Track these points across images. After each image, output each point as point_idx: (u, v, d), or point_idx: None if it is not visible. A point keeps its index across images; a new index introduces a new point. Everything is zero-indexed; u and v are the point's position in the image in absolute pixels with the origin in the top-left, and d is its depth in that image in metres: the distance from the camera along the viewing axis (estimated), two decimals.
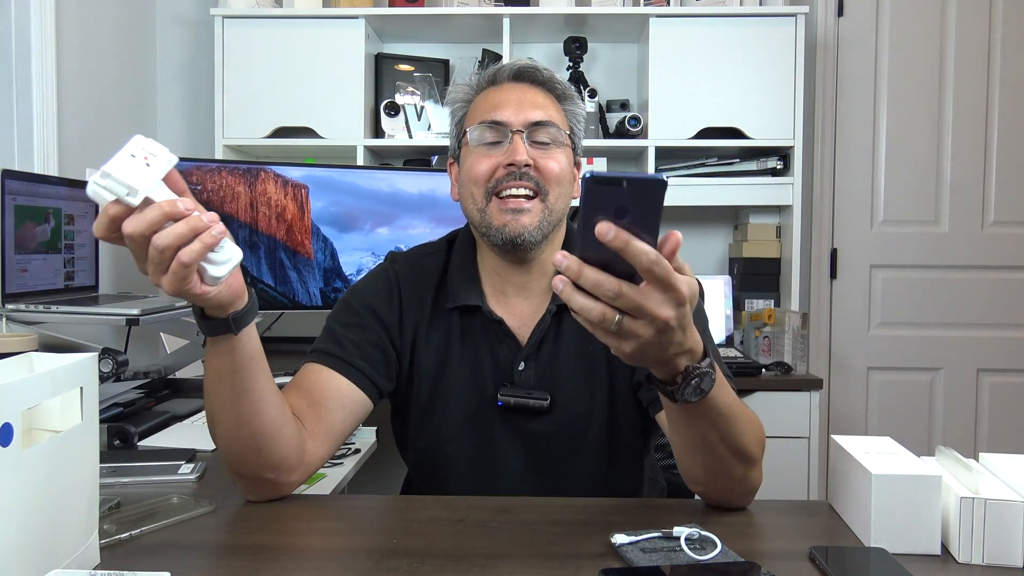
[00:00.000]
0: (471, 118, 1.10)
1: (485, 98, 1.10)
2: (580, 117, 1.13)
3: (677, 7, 2.55)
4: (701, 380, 0.77)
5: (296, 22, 2.48)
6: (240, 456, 0.92)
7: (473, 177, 1.06)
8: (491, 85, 1.11)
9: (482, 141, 1.07)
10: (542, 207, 1.05)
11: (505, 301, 1.12)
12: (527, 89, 1.09)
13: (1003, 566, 0.78)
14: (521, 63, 1.10)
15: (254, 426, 0.90)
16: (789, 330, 2.33)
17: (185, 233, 0.73)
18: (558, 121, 1.08)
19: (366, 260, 2.34)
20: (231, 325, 0.84)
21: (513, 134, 1.05)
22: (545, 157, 1.06)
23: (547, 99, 1.09)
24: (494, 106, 1.07)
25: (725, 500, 0.95)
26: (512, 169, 1.04)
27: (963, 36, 2.71)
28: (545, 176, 1.05)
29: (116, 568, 0.73)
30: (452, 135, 1.15)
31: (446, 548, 0.82)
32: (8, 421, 0.60)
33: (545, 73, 1.10)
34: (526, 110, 1.06)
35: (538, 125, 1.06)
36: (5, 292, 1.59)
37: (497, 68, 1.11)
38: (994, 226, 2.74)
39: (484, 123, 1.07)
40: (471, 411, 1.10)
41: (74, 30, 2.16)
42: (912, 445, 0.94)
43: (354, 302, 1.12)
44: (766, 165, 2.54)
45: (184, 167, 2.13)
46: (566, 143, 1.09)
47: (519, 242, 1.05)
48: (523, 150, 1.04)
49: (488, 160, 1.06)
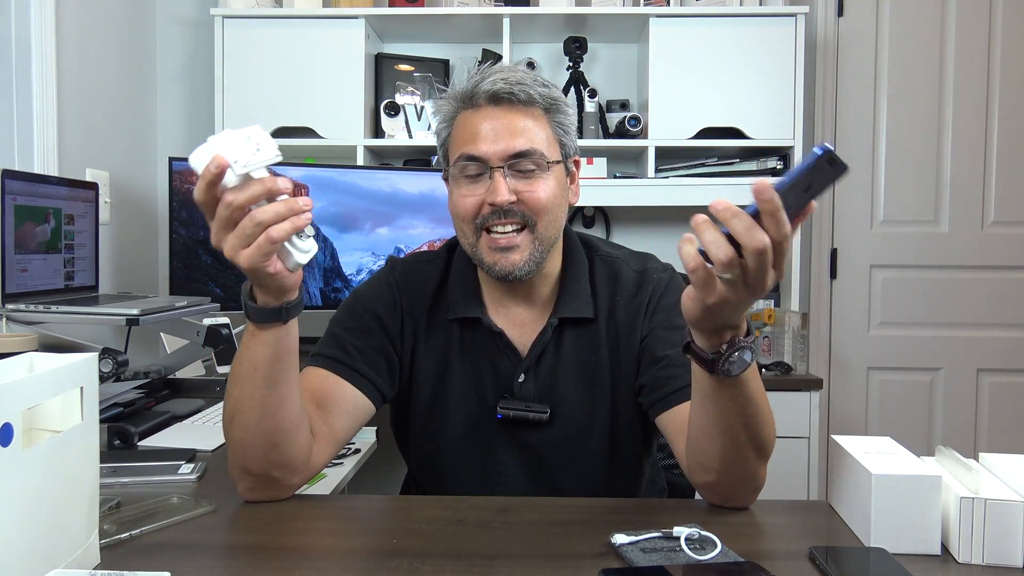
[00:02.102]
0: (454, 142, 1.06)
1: (465, 121, 1.05)
2: (570, 122, 1.08)
3: (677, 7, 2.55)
4: (744, 352, 0.80)
5: (296, 22, 2.48)
6: (255, 449, 0.92)
7: (460, 214, 1.05)
8: (469, 107, 1.05)
9: (464, 173, 1.04)
10: (531, 238, 1.04)
11: (505, 311, 1.12)
12: (505, 114, 1.03)
13: (1003, 566, 0.78)
14: (498, 84, 1.02)
15: (277, 419, 0.91)
16: (789, 330, 2.33)
17: (282, 212, 0.78)
18: (541, 143, 1.03)
19: (366, 260, 2.34)
20: (282, 314, 0.86)
21: (493, 170, 1.01)
22: (530, 188, 1.02)
23: (528, 119, 1.03)
24: (472, 136, 1.03)
25: (731, 495, 0.94)
26: (496, 207, 1.02)
27: (963, 36, 2.71)
28: (532, 208, 1.03)
29: (116, 568, 0.73)
30: (439, 152, 1.11)
31: (446, 548, 0.82)
32: (8, 421, 0.60)
33: (522, 93, 1.02)
34: (504, 139, 1.01)
35: (519, 156, 1.02)
36: (5, 292, 1.59)
37: (474, 85, 1.04)
38: (994, 226, 2.74)
39: (463, 157, 1.03)
40: (471, 422, 1.10)
41: (74, 30, 2.16)
42: (912, 445, 0.94)
43: (358, 307, 1.12)
44: (766, 165, 2.54)
45: (184, 167, 2.13)
46: (554, 161, 1.05)
47: (511, 279, 1.05)
48: (503, 190, 1.01)
49: (471, 198, 1.03)
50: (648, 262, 1.15)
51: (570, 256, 1.14)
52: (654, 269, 1.13)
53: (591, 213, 2.76)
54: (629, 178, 2.59)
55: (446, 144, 1.09)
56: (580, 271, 1.13)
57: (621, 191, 2.51)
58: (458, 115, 1.07)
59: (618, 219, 2.80)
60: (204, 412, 1.56)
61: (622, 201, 2.53)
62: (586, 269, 1.13)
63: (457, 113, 1.07)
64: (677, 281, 1.13)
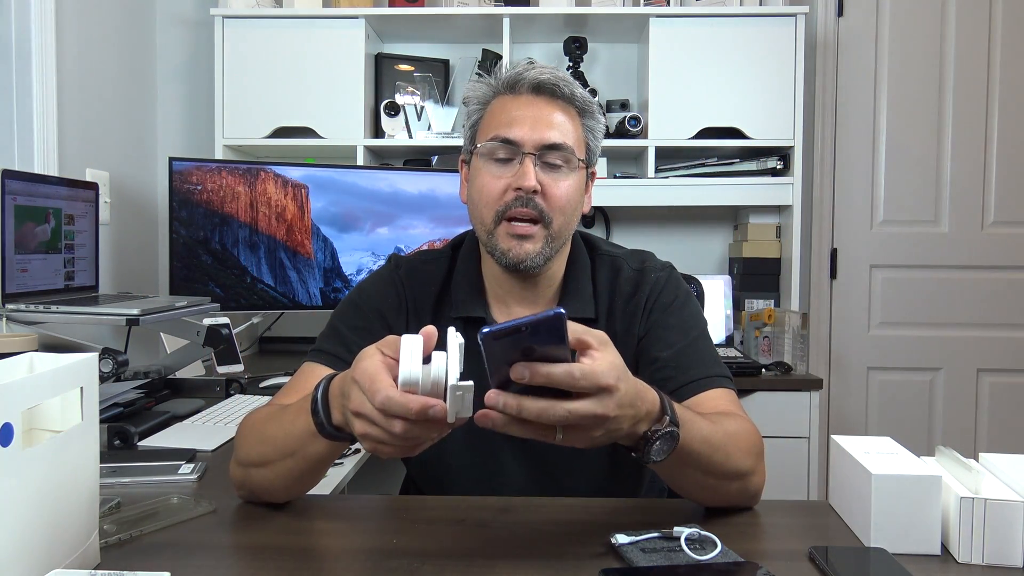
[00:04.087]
0: (486, 125, 1.07)
1: (502, 106, 1.06)
2: (599, 130, 1.10)
3: (677, 7, 2.55)
4: (664, 441, 0.79)
5: (296, 22, 2.48)
6: (271, 495, 0.94)
7: (483, 197, 1.05)
8: (509, 92, 1.07)
9: (493, 156, 1.05)
10: (545, 234, 1.04)
11: (508, 311, 1.12)
12: (545, 105, 1.05)
13: (1003, 566, 0.78)
14: (544, 75, 1.05)
15: (306, 485, 0.94)
16: (789, 330, 2.33)
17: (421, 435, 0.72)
18: (573, 141, 1.05)
19: (366, 260, 2.34)
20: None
21: (524, 156, 1.02)
22: (554, 183, 1.04)
23: (565, 115, 1.06)
24: (509, 120, 1.04)
25: (728, 507, 0.95)
26: (520, 193, 1.02)
27: (963, 36, 2.71)
28: (551, 203, 1.04)
29: (116, 568, 0.73)
30: (466, 134, 1.12)
31: (446, 548, 0.82)
32: (8, 421, 0.60)
33: (566, 88, 1.05)
34: (541, 129, 1.03)
35: (551, 148, 1.03)
36: (5, 292, 1.59)
37: (518, 74, 1.06)
38: (994, 226, 2.74)
39: (497, 139, 1.04)
40: (473, 425, 1.09)
41: (74, 30, 2.16)
42: (912, 445, 0.94)
43: (362, 305, 1.12)
44: (766, 165, 2.54)
45: (184, 167, 2.13)
46: (579, 165, 1.06)
47: (522, 267, 1.05)
48: (532, 175, 1.02)
49: (498, 181, 1.04)
50: (647, 260, 1.15)
51: (574, 257, 1.14)
52: (652, 268, 1.13)
53: (591, 213, 2.76)
54: (629, 178, 2.59)
55: (476, 126, 1.09)
56: (583, 271, 1.13)
57: (621, 191, 2.51)
58: (494, 99, 1.08)
59: (618, 219, 2.80)
60: (204, 412, 1.56)
61: (622, 201, 2.53)
62: (588, 269, 1.14)
63: (493, 97, 1.08)
64: (675, 278, 1.13)
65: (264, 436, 0.92)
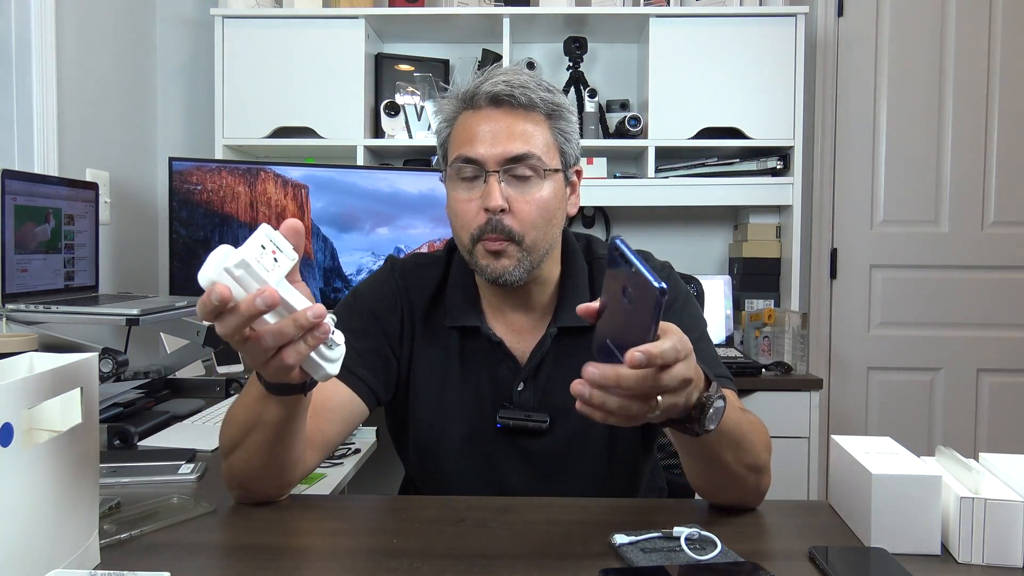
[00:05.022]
0: (452, 143, 1.05)
1: (464, 123, 1.04)
2: (572, 131, 1.06)
3: (677, 7, 2.55)
4: (716, 410, 0.79)
5: (296, 22, 2.48)
6: (255, 481, 0.94)
7: (458, 220, 1.05)
8: (470, 107, 1.04)
9: (460, 176, 1.03)
10: (518, 251, 1.02)
11: (503, 317, 1.12)
12: (504, 117, 1.01)
13: (1003, 566, 0.78)
14: (499, 86, 1.01)
15: (282, 461, 0.92)
16: (789, 330, 2.33)
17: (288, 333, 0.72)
18: (540, 148, 1.01)
19: (366, 260, 2.34)
20: (306, 388, 0.84)
21: (489, 174, 1.00)
22: (522, 198, 1.01)
23: (528, 123, 1.02)
24: (470, 137, 1.02)
25: (736, 506, 0.95)
26: (489, 215, 1.01)
27: (963, 36, 2.71)
28: (520, 219, 1.01)
29: (116, 568, 0.73)
30: (439, 151, 1.10)
31: (446, 548, 0.82)
32: (8, 421, 0.60)
33: (523, 97, 1.01)
34: (502, 143, 1.00)
35: (516, 160, 1.00)
36: (5, 292, 1.59)
37: (475, 87, 1.03)
38: (994, 226, 2.74)
39: (460, 158, 1.02)
40: (470, 431, 1.09)
41: (74, 30, 2.16)
42: (912, 445, 0.94)
43: (359, 307, 1.11)
44: (766, 165, 2.54)
45: (184, 167, 2.13)
46: (551, 168, 1.03)
47: (501, 282, 1.04)
48: (496, 194, 0.99)
49: (469, 204, 1.03)
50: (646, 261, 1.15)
51: (569, 261, 1.13)
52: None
53: (591, 213, 2.76)
54: (629, 178, 2.59)
55: (446, 144, 1.08)
56: (579, 277, 1.12)
57: (621, 191, 2.51)
58: (459, 115, 1.06)
59: (618, 219, 2.80)
60: (204, 412, 1.56)
61: (622, 201, 2.53)
62: (586, 274, 1.13)
63: (459, 113, 1.06)
64: (674, 279, 1.13)
65: (230, 420, 0.92)
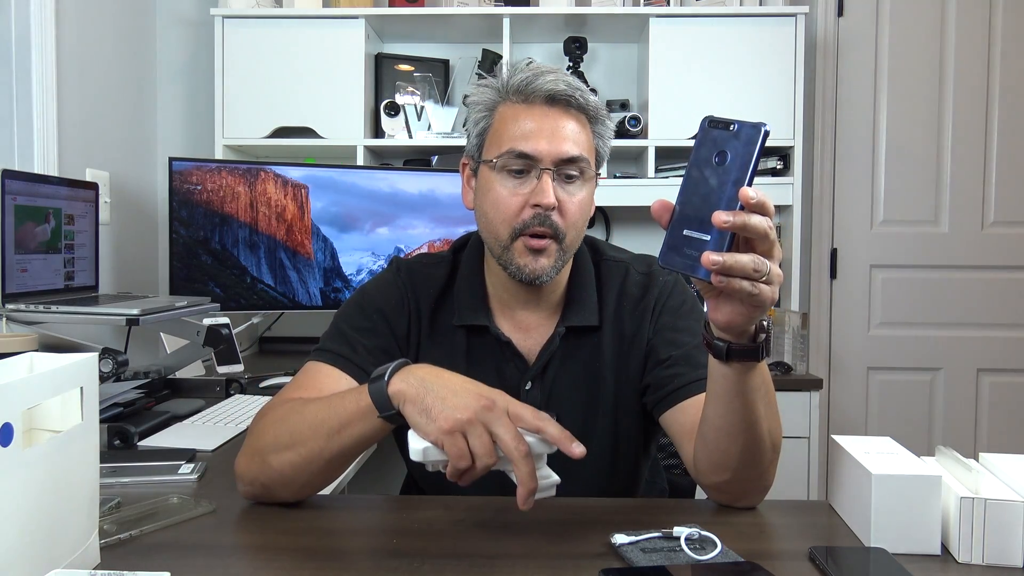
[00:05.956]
0: (496, 134, 1.04)
1: (514, 115, 1.03)
2: (608, 135, 1.09)
3: (677, 7, 2.55)
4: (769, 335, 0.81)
5: (296, 22, 2.48)
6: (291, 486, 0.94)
7: (500, 213, 1.03)
8: (521, 100, 1.03)
9: (508, 168, 1.02)
10: (557, 249, 1.03)
11: (512, 316, 1.12)
12: (560, 115, 1.02)
13: (1003, 566, 0.78)
14: (560, 84, 1.02)
15: (334, 474, 0.94)
16: (789, 330, 2.33)
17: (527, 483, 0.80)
18: (587, 150, 1.04)
19: (366, 260, 2.34)
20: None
21: (543, 171, 1.01)
22: (570, 198, 1.03)
23: (579, 125, 1.04)
24: (525, 133, 1.01)
25: (742, 494, 0.94)
26: (538, 211, 1.01)
27: (963, 36, 2.71)
28: (566, 219, 1.03)
29: (116, 568, 0.73)
30: (472, 140, 1.08)
31: (446, 548, 0.82)
32: (8, 421, 0.60)
33: (580, 98, 1.03)
34: (558, 143, 1.01)
35: (568, 161, 1.02)
36: (5, 292, 1.59)
37: (529, 81, 1.02)
38: (994, 226, 2.74)
39: (513, 152, 1.01)
40: None
41: (74, 30, 2.16)
42: (912, 445, 0.94)
43: (367, 306, 1.11)
44: (766, 165, 2.54)
45: (184, 167, 2.13)
46: (592, 174, 1.05)
47: (536, 283, 1.05)
48: (551, 192, 1.00)
49: (515, 198, 1.02)
50: (652, 264, 1.15)
51: (578, 262, 1.14)
52: (659, 272, 1.14)
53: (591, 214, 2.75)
54: (629, 178, 2.59)
55: (484, 134, 1.06)
56: (587, 278, 1.13)
57: (621, 191, 2.51)
58: (502, 105, 1.05)
59: (618, 219, 2.80)
60: (204, 412, 1.56)
61: (622, 201, 2.53)
62: (593, 275, 1.14)
63: (500, 103, 1.05)
64: (680, 282, 1.13)
65: (298, 418, 0.92)
